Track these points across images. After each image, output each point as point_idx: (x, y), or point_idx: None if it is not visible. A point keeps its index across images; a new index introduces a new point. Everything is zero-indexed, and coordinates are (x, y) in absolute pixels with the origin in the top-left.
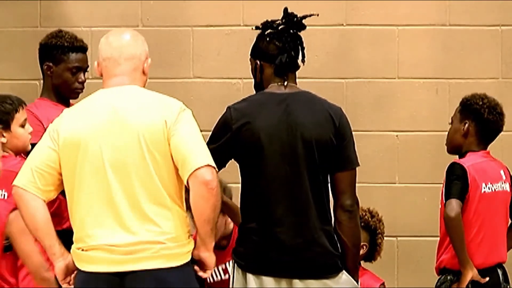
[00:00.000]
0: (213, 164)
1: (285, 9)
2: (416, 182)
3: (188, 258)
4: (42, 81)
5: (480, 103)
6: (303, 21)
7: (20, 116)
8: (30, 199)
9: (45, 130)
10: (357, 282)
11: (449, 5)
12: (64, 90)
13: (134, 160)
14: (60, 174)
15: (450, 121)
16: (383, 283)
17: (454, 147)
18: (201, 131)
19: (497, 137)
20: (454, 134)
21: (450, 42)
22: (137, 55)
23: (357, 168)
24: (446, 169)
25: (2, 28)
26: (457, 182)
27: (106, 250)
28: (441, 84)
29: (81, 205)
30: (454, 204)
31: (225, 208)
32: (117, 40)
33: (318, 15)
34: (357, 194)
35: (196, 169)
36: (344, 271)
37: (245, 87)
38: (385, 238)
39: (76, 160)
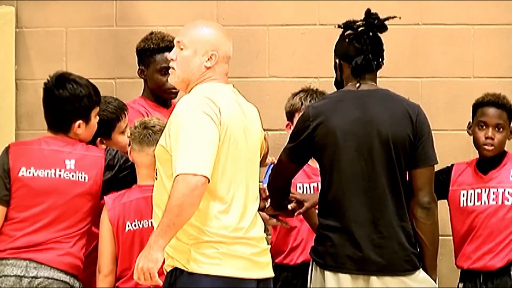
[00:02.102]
0: None
1: (367, 10)
2: None
3: None
4: (116, 80)
5: None
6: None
7: (122, 124)
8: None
9: None
10: (435, 281)
11: None
12: (158, 92)
13: (255, 157)
14: None
15: (499, 128)
16: None
17: (500, 152)
18: (276, 130)
19: None
20: (505, 140)
21: None
22: None
23: None
24: None
25: (79, 27)
26: None
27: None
28: None
29: (235, 193)
30: None
31: None
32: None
33: (400, 18)
34: None
35: None
36: (421, 269)
37: (321, 86)
38: None
39: (228, 150)
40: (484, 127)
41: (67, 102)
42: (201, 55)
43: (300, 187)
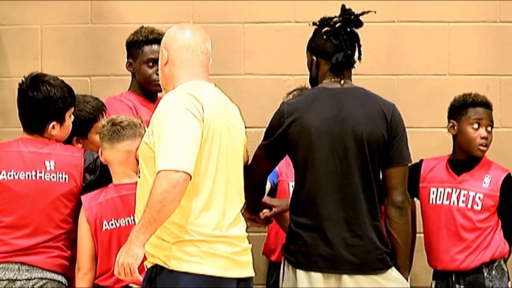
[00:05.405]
0: None
1: (343, 6)
2: None
3: None
4: (92, 78)
5: None
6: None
7: (99, 124)
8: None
9: None
10: (407, 280)
11: (500, 2)
12: (145, 84)
13: (238, 156)
14: None
15: (489, 128)
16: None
17: None
18: (252, 127)
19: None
20: None
21: (501, 38)
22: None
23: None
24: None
25: (54, 25)
26: None
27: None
28: (492, 80)
29: (216, 190)
30: None
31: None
32: (195, 34)
33: (375, 12)
34: None
35: None
36: (393, 268)
37: (296, 84)
38: None
39: (210, 147)
40: (478, 127)
41: (40, 104)
42: (163, 64)
43: (293, 186)
